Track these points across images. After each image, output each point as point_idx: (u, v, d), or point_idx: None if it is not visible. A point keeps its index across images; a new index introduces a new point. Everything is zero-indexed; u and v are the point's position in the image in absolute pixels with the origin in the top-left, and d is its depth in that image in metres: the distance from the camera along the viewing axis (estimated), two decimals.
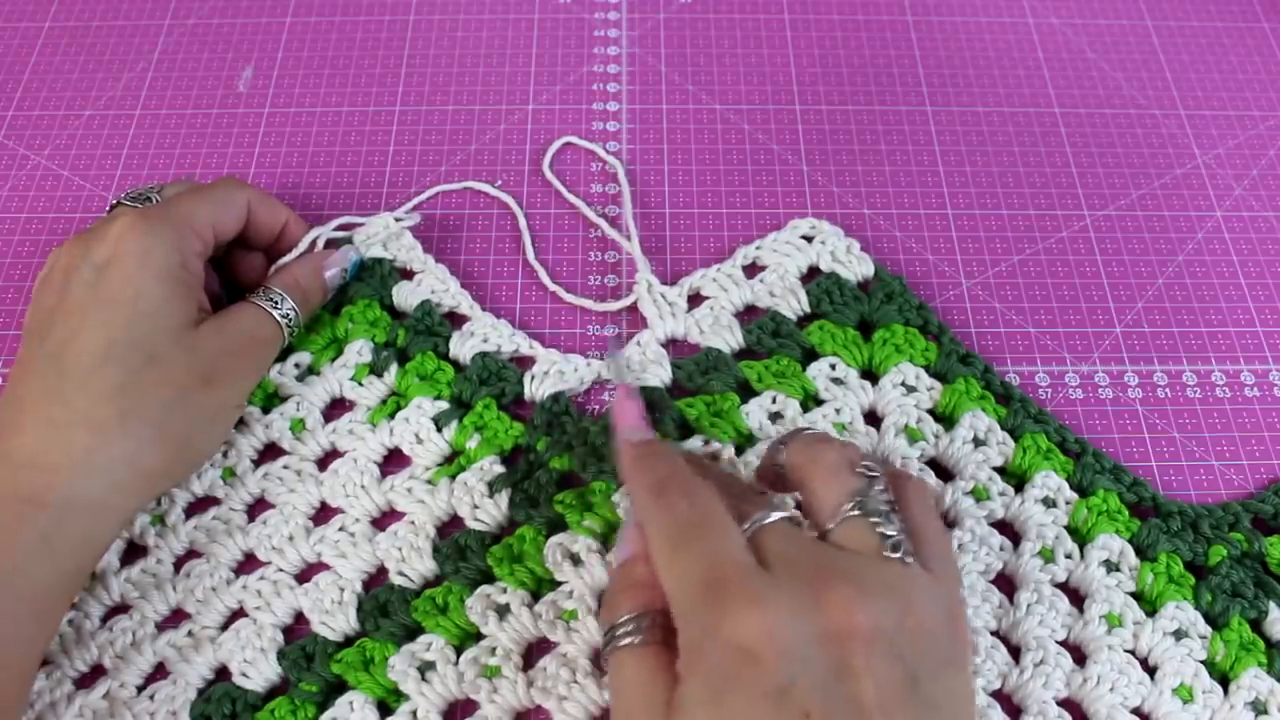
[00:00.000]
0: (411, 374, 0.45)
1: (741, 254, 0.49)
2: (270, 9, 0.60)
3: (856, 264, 0.48)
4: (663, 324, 0.47)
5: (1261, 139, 0.55)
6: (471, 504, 0.42)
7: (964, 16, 0.60)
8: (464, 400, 0.45)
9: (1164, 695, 0.39)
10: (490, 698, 0.38)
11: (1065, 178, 0.54)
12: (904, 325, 0.46)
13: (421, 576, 0.41)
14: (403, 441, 0.43)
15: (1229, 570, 0.41)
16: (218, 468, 0.43)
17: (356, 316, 0.46)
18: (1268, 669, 0.39)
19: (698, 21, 0.60)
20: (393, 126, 0.55)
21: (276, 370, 0.45)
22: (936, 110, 0.56)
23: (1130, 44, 0.59)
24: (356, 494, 0.42)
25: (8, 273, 0.50)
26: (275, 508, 0.42)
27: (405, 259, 0.48)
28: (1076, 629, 0.40)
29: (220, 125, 0.55)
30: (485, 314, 0.47)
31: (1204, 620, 0.40)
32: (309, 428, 0.44)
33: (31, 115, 0.56)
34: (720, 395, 0.44)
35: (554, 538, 0.41)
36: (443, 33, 0.59)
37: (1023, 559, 0.41)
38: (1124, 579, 0.41)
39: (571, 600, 0.40)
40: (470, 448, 0.43)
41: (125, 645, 0.40)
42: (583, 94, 0.56)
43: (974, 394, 0.45)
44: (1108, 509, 0.42)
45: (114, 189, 0.53)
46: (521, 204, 0.52)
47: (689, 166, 0.54)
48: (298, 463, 0.43)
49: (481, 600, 0.40)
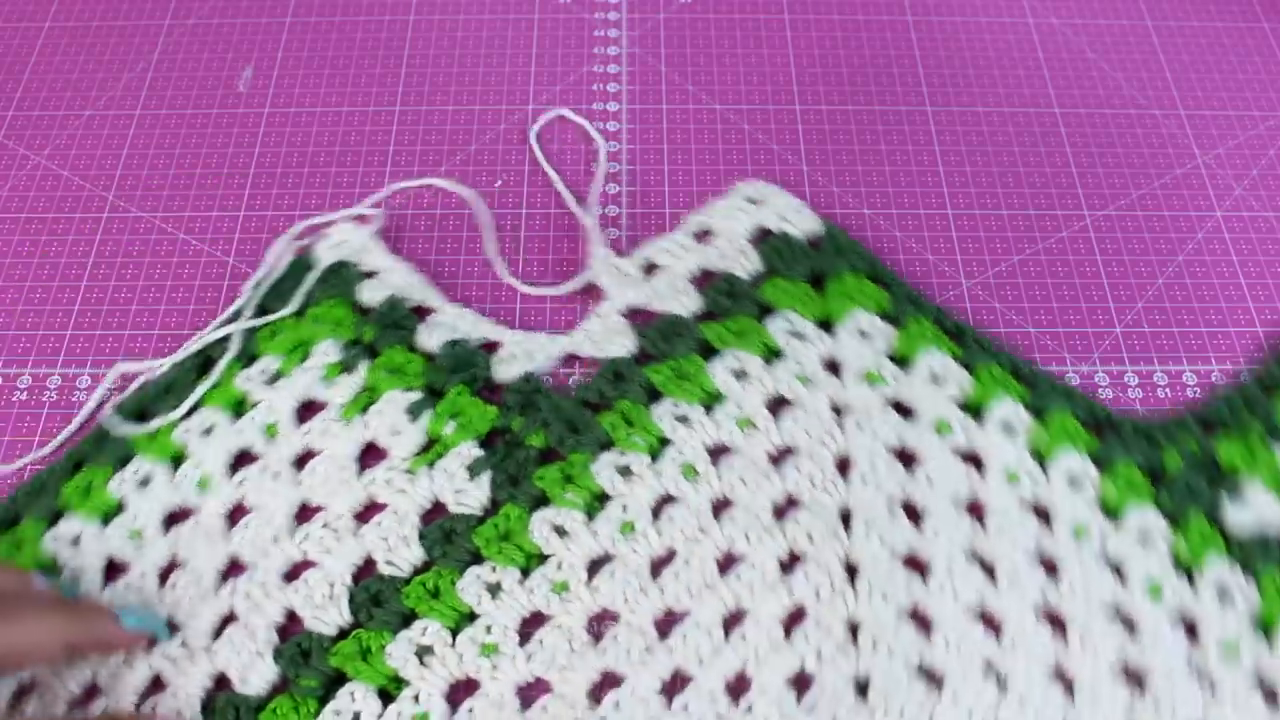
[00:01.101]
0: (381, 368, 0.45)
1: (693, 221, 0.49)
2: (270, 9, 0.60)
3: (804, 221, 0.49)
4: (621, 294, 0.47)
5: (1261, 139, 0.55)
6: (454, 489, 0.42)
7: (964, 16, 0.60)
8: (437, 389, 0.45)
9: (1136, 595, 0.40)
10: (491, 675, 0.39)
11: (1065, 178, 0.54)
12: (853, 273, 0.47)
13: (410, 564, 0.41)
14: (379, 435, 0.44)
15: (1184, 474, 0.43)
16: (194, 477, 0.43)
17: (321, 318, 0.46)
18: (1227, 554, 0.41)
19: (698, 21, 0.60)
20: (393, 126, 0.55)
21: (244, 377, 0.45)
22: (936, 110, 0.56)
23: (1130, 44, 0.59)
24: (337, 490, 0.42)
25: (8, 273, 0.50)
26: (255, 511, 0.42)
27: (368, 260, 0.48)
28: (1047, 543, 0.42)
29: (220, 125, 0.55)
30: (451, 304, 0.47)
31: (1166, 520, 0.42)
32: (282, 430, 0.44)
33: (31, 115, 0.56)
34: (685, 358, 0.45)
35: (538, 513, 0.42)
36: (443, 33, 0.59)
37: (990, 484, 0.43)
38: (1088, 492, 0.43)
39: (562, 572, 0.41)
40: (447, 434, 0.43)
41: (117, 663, 0.39)
42: (583, 94, 0.56)
43: (928, 334, 0.46)
44: (1065, 429, 0.44)
45: (114, 189, 0.53)
46: (522, 204, 0.52)
47: (689, 166, 0.54)
48: (275, 465, 0.43)
49: (473, 581, 0.40)
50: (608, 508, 0.42)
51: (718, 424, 0.44)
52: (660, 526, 0.42)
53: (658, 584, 0.40)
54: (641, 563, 0.41)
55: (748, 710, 0.38)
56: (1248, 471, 0.43)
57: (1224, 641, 0.40)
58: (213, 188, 0.53)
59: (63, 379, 0.47)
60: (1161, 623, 0.40)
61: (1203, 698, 0.39)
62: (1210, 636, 0.40)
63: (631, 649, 0.39)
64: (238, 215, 0.52)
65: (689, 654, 0.39)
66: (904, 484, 0.43)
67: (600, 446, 0.43)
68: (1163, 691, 0.39)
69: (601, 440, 0.43)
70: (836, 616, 0.40)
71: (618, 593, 0.40)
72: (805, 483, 0.43)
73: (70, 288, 0.50)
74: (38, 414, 0.46)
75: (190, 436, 0.44)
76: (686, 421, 0.44)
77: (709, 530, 0.41)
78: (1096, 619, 0.40)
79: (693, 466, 0.43)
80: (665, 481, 0.43)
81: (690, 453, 0.43)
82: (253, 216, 0.52)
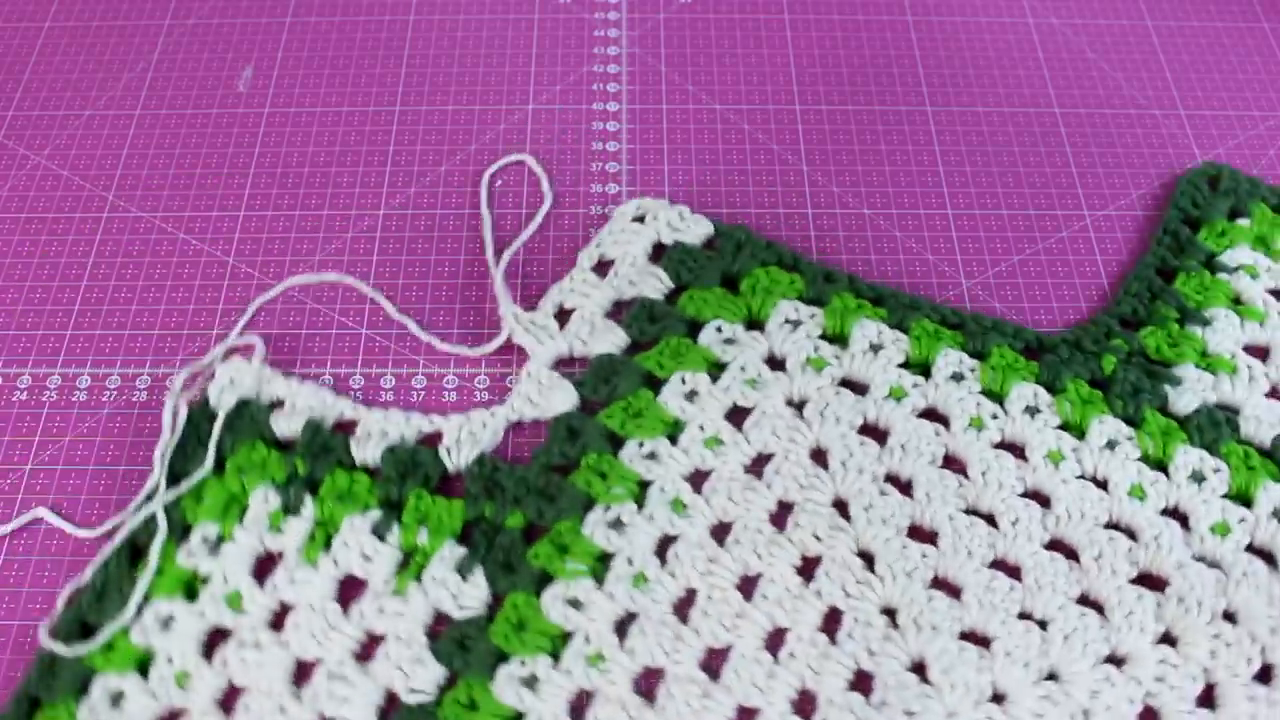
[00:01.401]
0: (329, 498, 0.42)
1: (585, 257, 0.49)
2: (270, 9, 0.60)
3: (694, 226, 0.49)
4: (544, 349, 0.46)
5: (1261, 139, 0.55)
6: (450, 594, 0.40)
7: (964, 16, 0.60)
8: (393, 501, 0.42)
9: (1123, 502, 0.42)
10: None
11: (1065, 178, 0.54)
12: (762, 267, 0.48)
13: (435, 684, 0.39)
14: (351, 566, 0.41)
15: (1124, 374, 0.45)
16: (168, 677, 0.39)
17: (245, 466, 0.43)
18: (1190, 442, 0.44)
19: (698, 21, 0.60)
20: (393, 126, 0.55)
21: (184, 553, 0.41)
22: (936, 110, 0.56)
23: (1130, 44, 0.59)
24: (327, 637, 0.40)
25: (8, 273, 0.50)
26: (249, 690, 0.39)
27: (269, 390, 0.45)
28: (1030, 478, 0.43)
29: (220, 125, 0.55)
30: (372, 411, 0.45)
31: (1125, 424, 0.44)
32: (246, 597, 0.40)
33: (31, 115, 0.56)
34: (632, 395, 0.44)
35: (546, 592, 0.40)
36: (443, 33, 0.59)
37: (958, 436, 0.44)
38: (1047, 417, 0.44)
39: (591, 644, 0.39)
40: (422, 543, 0.41)
41: None
42: (583, 94, 0.56)
43: (851, 306, 0.47)
44: (1009, 363, 0.45)
45: (114, 189, 0.53)
46: (522, 203, 0.52)
47: (689, 166, 0.54)
48: (251, 636, 0.39)
49: (507, 681, 0.38)
50: (613, 566, 0.41)
51: (687, 451, 0.43)
52: (670, 569, 0.41)
53: (690, 626, 0.39)
54: (665, 610, 0.40)
55: None
56: (1176, 358, 0.46)
57: (1214, 524, 0.42)
58: (213, 188, 0.53)
59: (63, 379, 0.47)
60: (1155, 521, 0.42)
61: (1215, 579, 0.40)
62: (1200, 521, 0.42)
63: (688, 699, 0.38)
64: (238, 215, 0.52)
65: (746, 688, 0.38)
66: (882, 459, 0.43)
67: (583, 508, 0.42)
68: (1181, 585, 0.40)
69: (582, 501, 0.42)
70: (870, 607, 0.40)
71: (654, 647, 0.39)
72: (791, 484, 0.43)
73: (70, 288, 0.50)
74: (38, 414, 0.46)
75: (149, 635, 0.39)
76: (656, 457, 0.43)
77: (718, 558, 0.41)
78: (1101, 537, 0.41)
79: (680, 500, 0.42)
80: (659, 523, 0.42)
81: (671, 487, 0.42)
82: (253, 216, 0.52)
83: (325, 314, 0.49)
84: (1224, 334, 0.47)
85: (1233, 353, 0.46)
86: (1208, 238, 0.50)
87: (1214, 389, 0.45)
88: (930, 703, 0.38)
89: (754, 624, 0.39)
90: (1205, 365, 0.46)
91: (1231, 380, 0.45)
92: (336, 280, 0.49)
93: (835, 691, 0.38)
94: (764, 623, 0.40)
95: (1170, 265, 0.49)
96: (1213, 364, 0.46)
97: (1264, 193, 0.52)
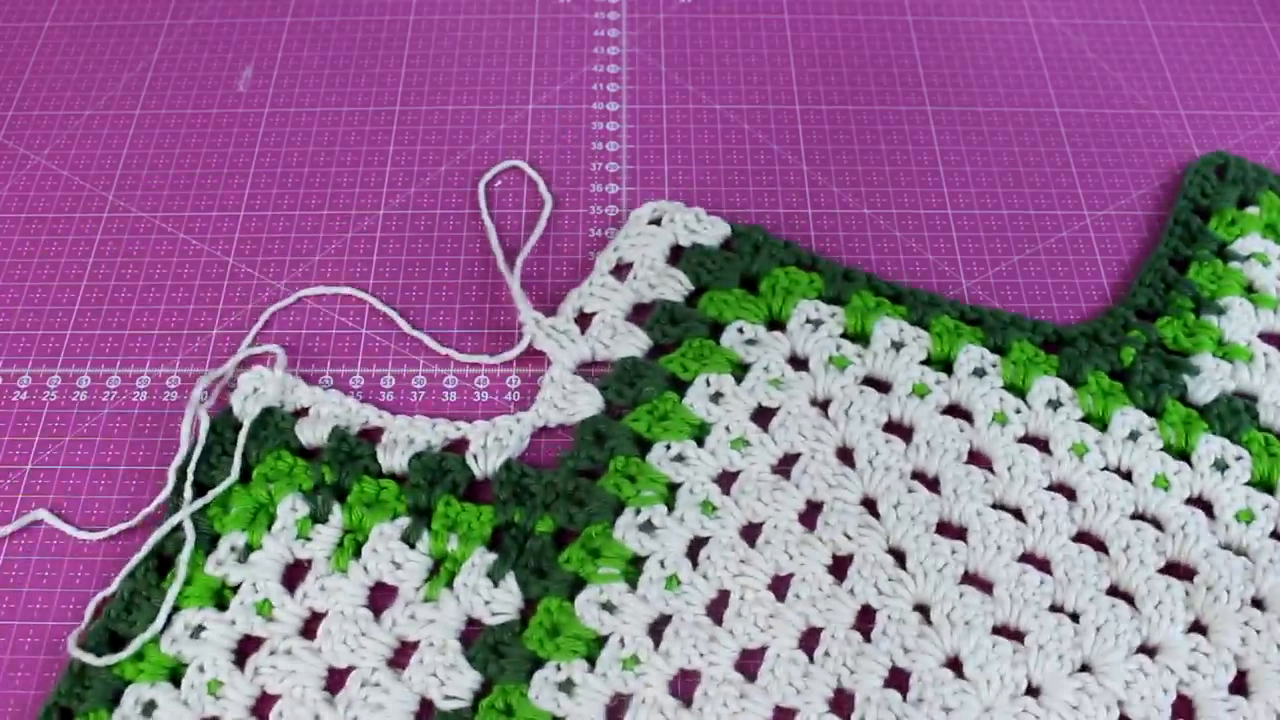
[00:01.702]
0: (357, 506, 0.42)
1: (603, 261, 0.49)
2: (270, 9, 0.60)
3: (711, 228, 0.49)
4: (565, 354, 0.46)
5: (1261, 139, 0.55)
6: (483, 600, 0.40)
7: (964, 16, 0.60)
8: (422, 508, 0.42)
9: (1148, 492, 0.42)
10: None
11: (1065, 178, 0.54)
12: (781, 266, 0.48)
13: (470, 690, 0.39)
14: (382, 574, 0.41)
15: (1143, 365, 0.45)
16: (200, 686, 0.39)
17: (272, 474, 0.43)
18: (1212, 431, 0.44)
19: (698, 21, 0.60)
20: (393, 126, 0.55)
21: (213, 562, 0.41)
22: (936, 110, 0.56)
23: (1130, 44, 0.59)
24: (360, 645, 0.39)
25: (8, 272, 0.50)
26: (283, 698, 0.39)
27: (293, 398, 0.45)
28: (1055, 471, 0.43)
29: (220, 125, 0.55)
30: (396, 418, 0.45)
31: (1146, 415, 0.44)
32: (277, 605, 0.40)
33: (31, 115, 0.56)
34: (659, 398, 0.44)
35: (579, 597, 0.40)
36: (443, 33, 0.59)
37: (982, 432, 0.44)
38: (1070, 410, 0.44)
39: (626, 647, 0.39)
40: (452, 550, 0.41)
41: None
42: (583, 94, 0.56)
43: (871, 304, 0.47)
44: (1030, 357, 0.46)
45: (114, 189, 0.53)
46: (523, 204, 0.52)
47: (689, 166, 0.54)
48: (283, 644, 0.39)
49: (544, 685, 0.38)
50: (646, 569, 0.41)
51: (714, 452, 0.43)
52: (703, 570, 0.41)
53: (725, 628, 0.40)
54: (699, 612, 0.40)
55: None
56: (1194, 348, 0.46)
57: (1239, 511, 0.42)
58: (213, 188, 0.53)
59: (63, 379, 0.47)
60: (1181, 511, 0.42)
61: (1243, 567, 0.41)
62: (1224, 509, 0.42)
63: (725, 700, 0.38)
64: (238, 215, 0.52)
65: (783, 688, 0.38)
66: (908, 456, 0.43)
67: (613, 512, 0.42)
68: (1209, 573, 0.41)
69: (612, 505, 0.42)
70: (903, 604, 0.40)
71: (689, 649, 0.39)
72: (819, 483, 0.43)
73: (70, 288, 0.50)
74: (38, 414, 0.46)
75: (180, 645, 0.39)
76: (684, 460, 0.43)
77: (750, 559, 0.41)
78: (1128, 528, 0.42)
79: (709, 502, 0.42)
80: (690, 525, 0.42)
81: (700, 489, 0.42)
82: (253, 216, 0.52)
83: (325, 314, 0.49)
84: (1239, 322, 0.47)
85: (1249, 340, 0.47)
86: (1218, 227, 0.50)
87: (1232, 377, 0.46)
88: (967, 698, 0.38)
89: (788, 624, 0.40)
90: (1222, 354, 0.46)
91: (1249, 368, 0.46)
92: (350, 293, 0.49)
93: (872, 689, 0.38)
94: (798, 622, 0.40)
95: (1183, 255, 0.50)
96: (1230, 352, 0.46)
97: (1271, 181, 0.52)
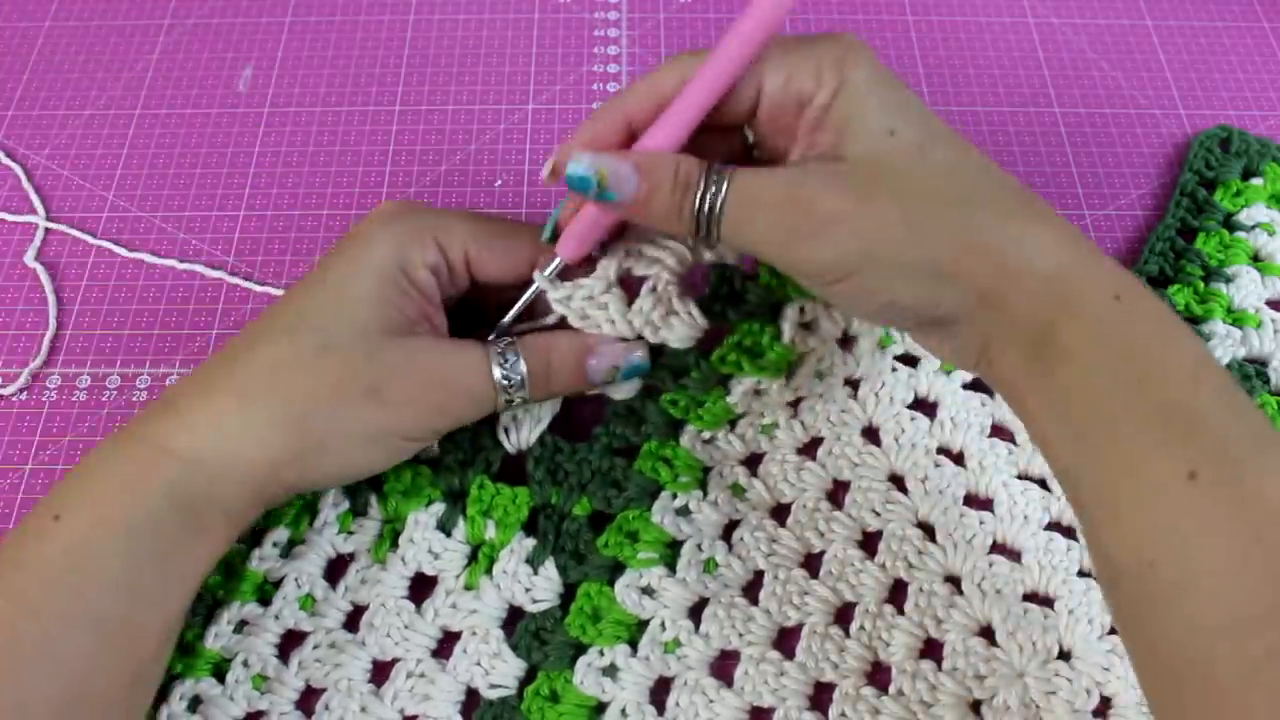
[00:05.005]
0: (393, 496, 0.42)
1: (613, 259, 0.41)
2: (270, 9, 0.60)
3: None
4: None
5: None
6: (524, 588, 0.40)
7: (964, 16, 0.60)
8: (457, 491, 0.42)
9: None
10: None
11: (1065, 178, 0.54)
12: None
13: (515, 678, 0.39)
14: (421, 563, 0.41)
15: None
16: (245, 681, 0.39)
17: None
18: None
19: (698, 21, 0.60)
20: (393, 126, 0.55)
21: (257, 558, 0.40)
22: (936, 110, 0.56)
23: (1130, 44, 0.59)
24: (404, 636, 0.40)
25: (7, 272, 0.50)
26: (329, 690, 0.39)
27: None
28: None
29: (220, 125, 0.55)
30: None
31: None
32: (319, 598, 0.40)
33: (31, 115, 0.56)
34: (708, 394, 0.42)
35: (619, 582, 0.40)
36: (443, 33, 0.59)
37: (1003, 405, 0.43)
38: None
39: (667, 630, 0.40)
40: (489, 537, 0.41)
41: None
42: (583, 94, 0.56)
43: None
44: None
45: (114, 189, 0.53)
46: (523, 203, 0.52)
47: None
48: (326, 637, 0.40)
49: (588, 671, 0.39)
50: (683, 553, 0.41)
51: (744, 437, 0.43)
52: (738, 552, 0.41)
53: (761, 608, 0.40)
54: (736, 593, 0.40)
55: (899, 694, 0.38)
56: (1206, 314, 0.47)
57: None
58: (213, 188, 0.53)
59: (62, 379, 0.47)
60: None
61: None
62: None
63: (766, 678, 0.39)
64: (238, 215, 0.52)
65: (823, 663, 0.39)
66: (933, 432, 0.44)
67: (649, 495, 0.42)
68: None
69: (650, 489, 0.42)
70: (934, 576, 0.40)
71: (728, 630, 0.40)
72: (844, 464, 0.43)
73: (70, 287, 0.50)
74: (37, 414, 0.46)
75: (224, 639, 0.39)
76: (715, 443, 0.43)
77: (781, 539, 0.41)
78: None
79: (739, 484, 0.42)
80: (723, 509, 0.42)
81: (729, 473, 0.43)
82: (253, 216, 0.52)
83: None
84: (1247, 290, 0.48)
85: (1257, 307, 0.48)
86: (1223, 198, 0.51)
87: (1242, 343, 0.46)
88: (999, 665, 0.39)
89: (822, 601, 0.40)
90: (1233, 320, 0.47)
91: (1259, 334, 0.46)
92: None
93: (907, 660, 0.39)
94: (831, 599, 0.40)
95: (1190, 226, 0.50)
96: (1239, 319, 0.47)
97: (1274, 153, 0.53)
